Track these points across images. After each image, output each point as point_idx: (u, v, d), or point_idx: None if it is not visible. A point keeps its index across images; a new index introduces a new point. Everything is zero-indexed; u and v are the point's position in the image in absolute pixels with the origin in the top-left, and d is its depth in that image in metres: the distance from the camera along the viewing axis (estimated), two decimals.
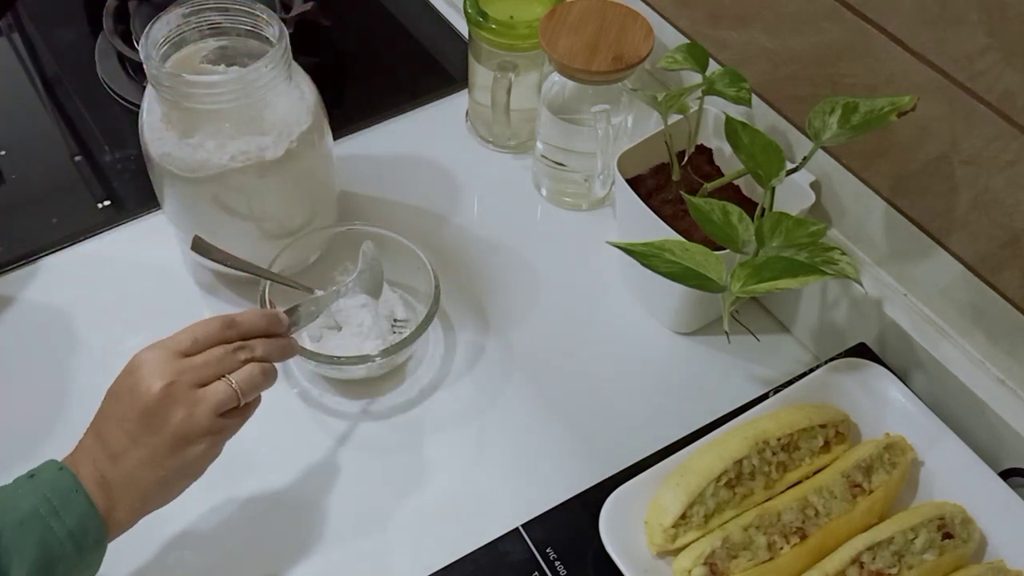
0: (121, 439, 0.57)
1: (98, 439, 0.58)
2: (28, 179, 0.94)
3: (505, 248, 0.88)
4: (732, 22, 0.79)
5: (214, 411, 0.58)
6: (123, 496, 0.57)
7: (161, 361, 0.58)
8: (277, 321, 0.64)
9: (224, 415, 0.59)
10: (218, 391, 0.59)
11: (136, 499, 0.58)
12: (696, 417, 0.71)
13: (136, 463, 0.57)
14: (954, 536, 0.63)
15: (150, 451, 0.57)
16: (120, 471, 0.57)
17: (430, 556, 0.65)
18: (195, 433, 0.58)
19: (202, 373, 0.58)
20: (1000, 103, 0.61)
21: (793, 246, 0.65)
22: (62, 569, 0.55)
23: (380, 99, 1.00)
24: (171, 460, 0.58)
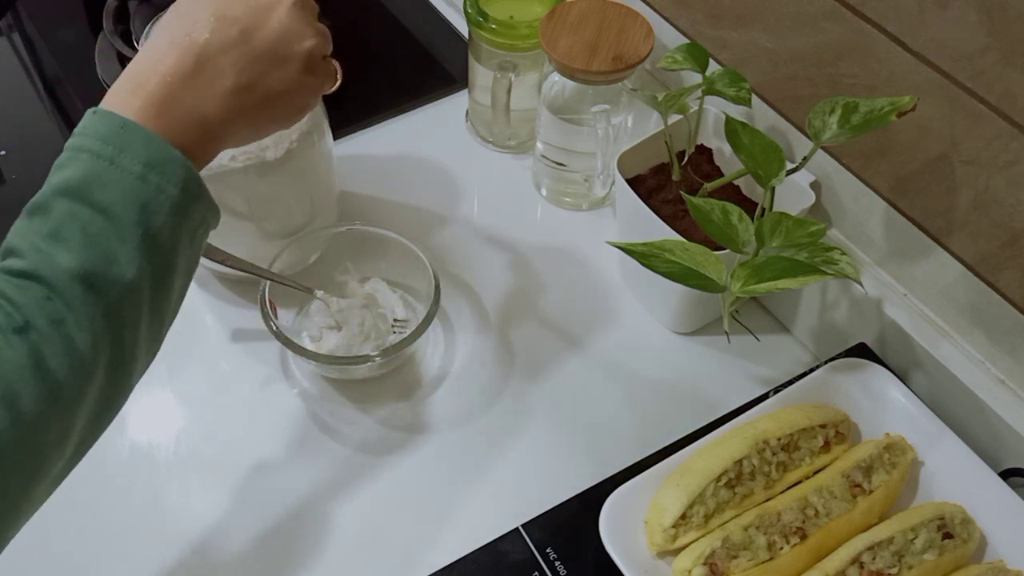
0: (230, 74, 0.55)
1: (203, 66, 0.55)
2: (28, 179, 0.93)
3: (505, 248, 0.88)
4: (732, 22, 0.79)
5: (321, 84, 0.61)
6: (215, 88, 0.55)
7: (309, 21, 0.60)
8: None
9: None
10: (329, 73, 0.62)
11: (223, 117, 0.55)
12: (696, 417, 0.71)
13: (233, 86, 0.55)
14: (954, 536, 0.63)
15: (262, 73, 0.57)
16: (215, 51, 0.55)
17: (430, 556, 0.65)
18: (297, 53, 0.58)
19: (325, 48, 0.62)
20: (1000, 103, 0.61)
21: (793, 246, 0.65)
22: (192, 215, 0.52)
23: (380, 99, 1.00)
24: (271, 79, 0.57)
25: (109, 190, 0.49)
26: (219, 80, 0.55)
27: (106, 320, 0.48)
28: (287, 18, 0.58)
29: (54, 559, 0.69)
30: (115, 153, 0.50)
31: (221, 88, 0.55)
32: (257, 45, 0.57)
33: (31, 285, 0.47)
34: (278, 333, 0.73)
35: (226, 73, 0.55)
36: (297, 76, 0.59)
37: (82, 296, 0.47)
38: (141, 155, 0.50)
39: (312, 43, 0.59)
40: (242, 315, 0.82)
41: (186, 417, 0.76)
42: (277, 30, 0.57)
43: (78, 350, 0.47)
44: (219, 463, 0.74)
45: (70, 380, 0.47)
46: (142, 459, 0.74)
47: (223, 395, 0.78)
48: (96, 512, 0.71)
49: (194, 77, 0.54)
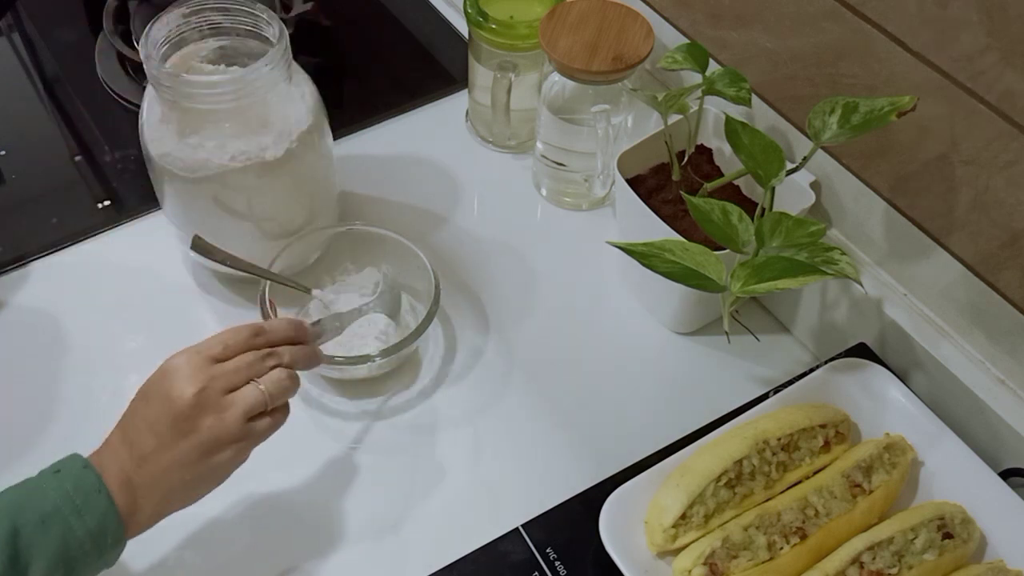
0: (149, 442, 0.57)
1: (125, 440, 0.58)
2: (28, 179, 0.94)
3: (505, 248, 0.88)
4: (732, 22, 0.79)
5: (244, 416, 0.59)
6: (147, 498, 0.58)
7: (193, 367, 0.58)
8: (303, 330, 0.65)
9: (253, 420, 0.60)
10: (248, 395, 0.59)
11: (159, 501, 0.58)
12: (696, 417, 0.71)
13: (163, 466, 0.57)
14: (954, 536, 0.63)
15: (179, 455, 0.57)
16: (146, 473, 0.57)
17: (430, 556, 0.65)
18: (225, 439, 0.58)
19: (233, 379, 0.59)
20: (1000, 103, 0.61)
21: (793, 246, 0.65)
22: (80, 566, 0.55)
23: (380, 99, 1.00)
24: (199, 465, 0.58)
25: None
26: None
27: None
28: (193, 410, 0.57)
29: None
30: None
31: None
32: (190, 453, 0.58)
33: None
34: None
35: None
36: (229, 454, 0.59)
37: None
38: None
39: (232, 415, 0.58)
40: (242, 315, 0.82)
41: None
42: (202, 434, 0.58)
43: None
44: None
45: None
46: None
47: None
48: None
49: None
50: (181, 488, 0.59)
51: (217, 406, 0.58)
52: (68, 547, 0.54)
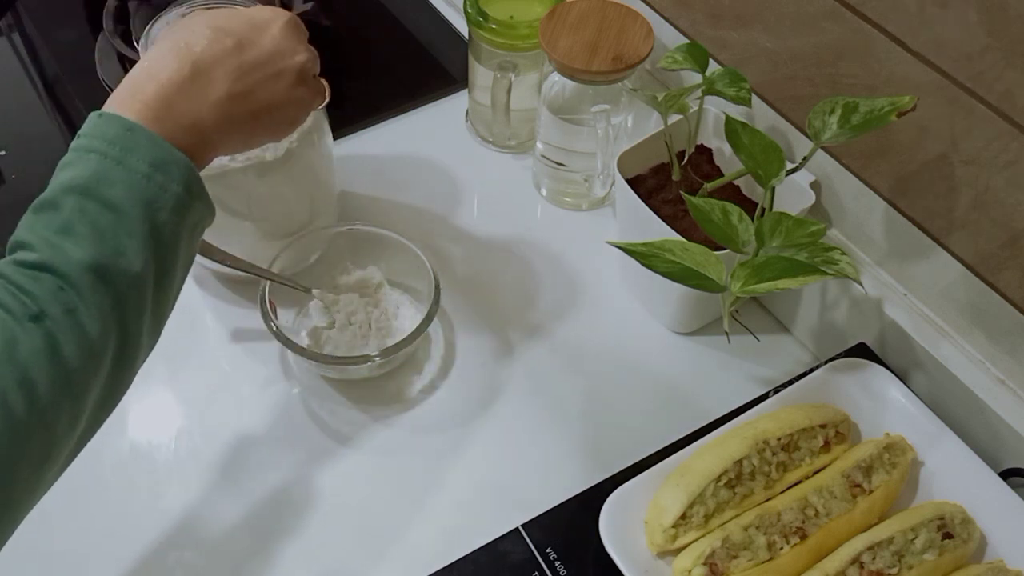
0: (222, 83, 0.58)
1: (198, 77, 0.57)
2: (28, 179, 0.93)
3: (505, 248, 0.88)
4: (732, 22, 0.79)
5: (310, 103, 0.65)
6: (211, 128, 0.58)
7: (302, 38, 0.64)
8: None
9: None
10: (317, 94, 0.66)
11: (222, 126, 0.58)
12: (696, 417, 0.71)
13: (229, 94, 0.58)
14: (954, 536, 0.63)
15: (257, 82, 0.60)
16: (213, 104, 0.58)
17: (430, 556, 0.65)
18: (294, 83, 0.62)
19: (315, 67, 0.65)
20: (1000, 103, 0.61)
21: (793, 246, 0.65)
22: (193, 217, 0.56)
23: (380, 99, 1.00)
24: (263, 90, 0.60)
25: (117, 188, 0.51)
26: (213, 88, 0.58)
27: (115, 309, 0.51)
28: (280, 35, 0.61)
29: (54, 558, 0.69)
30: (122, 154, 0.52)
31: (215, 96, 0.58)
32: (250, 58, 0.60)
33: (44, 276, 0.49)
34: (278, 333, 0.73)
35: (220, 82, 0.58)
36: (287, 90, 0.62)
37: (93, 286, 0.50)
38: (147, 156, 0.53)
39: (303, 59, 0.63)
40: (242, 315, 0.82)
41: (186, 417, 0.76)
42: (270, 45, 0.61)
43: (90, 338, 0.49)
44: (219, 463, 0.74)
45: (82, 367, 0.49)
46: (142, 459, 0.74)
47: (223, 395, 0.78)
48: (96, 512, 0.71)
49: (190, 84, 0.57)
50: (245, 119, 0.60)
51: (304, 84, 0.63)
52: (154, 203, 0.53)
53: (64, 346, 0.48)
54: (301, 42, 0.63)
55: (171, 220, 0.53)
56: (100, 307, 0.50)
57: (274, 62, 0.61)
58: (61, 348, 0.48)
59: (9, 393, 0.46)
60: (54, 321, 0.48)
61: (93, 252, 0.50)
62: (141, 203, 0.52)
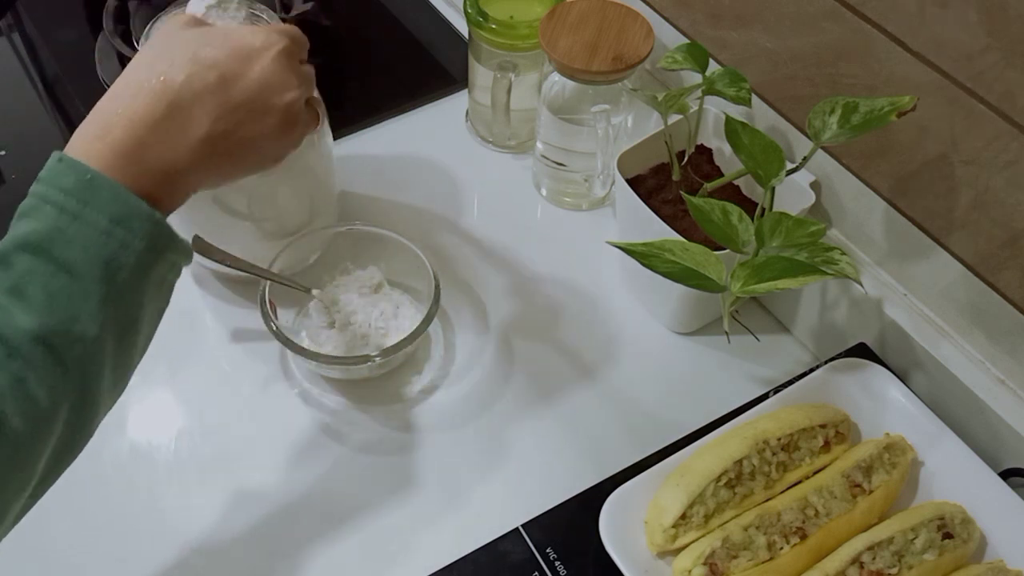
0: (203, 121, 0.54)
1: (173, 121, 0.53)
2: (28, 179, 0.91)
3: (505, 248, 0.88)
4: (732, 22, 0.79)
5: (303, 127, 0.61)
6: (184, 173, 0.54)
7: (293, 71, 0.58)
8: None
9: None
10: (309, 121, 0.61)
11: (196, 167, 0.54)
12: (696, 417, 0.71)
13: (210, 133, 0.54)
14: (954, 536, 0.63)
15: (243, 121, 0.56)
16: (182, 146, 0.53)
17: (430, 556, 0.65)
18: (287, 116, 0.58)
19: (307, 92, 0.61)
20: (1000, 103, 0.61)
21: (793, 246, 0.65)
22: (156, 275, 0.51)
23: (380, 99, 1.00)
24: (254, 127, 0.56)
25: (72, 247, 0.48)
26: (191, 129, 0.53)
27: (68, 377, 0.47)
28: (270, 67, 0.56)
29: (54, 558, 0.69)
30: (80, 207, 0.48)
31: (193, 138, 0.53)
32: (235, 95, 0.54)
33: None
34: (278, 333, 0.73)
35: (199, 122, 0.53)
36: (274, 128, 0.57)
37: (42, 357, 0.46)
38: (107, 210, 0.49)
39: (294, 95, 0.57)
40: (242, 315, 0.82)
41: (186, 417, 0.76)
42: (258, 81, 0.55)
43: (40, 407, 0.46)
44: (219, 463, 0.74)
45: (31, 436, 0.46)
46: (142, 459, 0.74)
47: (223, 395, 0.78)
48: (96, 512, 0.71)
49: (164, 123, 0.52)
50: (224, 159, 0.56)
51: (293, 117, 0.59)
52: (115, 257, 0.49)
53: (12, 418, 0.45)
54: (294, 73, 0.58)
55: (132, 278, 0.49)
56: (52, 376, 0.46)
57: (261, 99, 0.55)
58: (8, 421, 0.45)
59: None
60: (1, 393, 0.45)
61: (43, 319, 0.46)
62: (99, 263, 0.48)
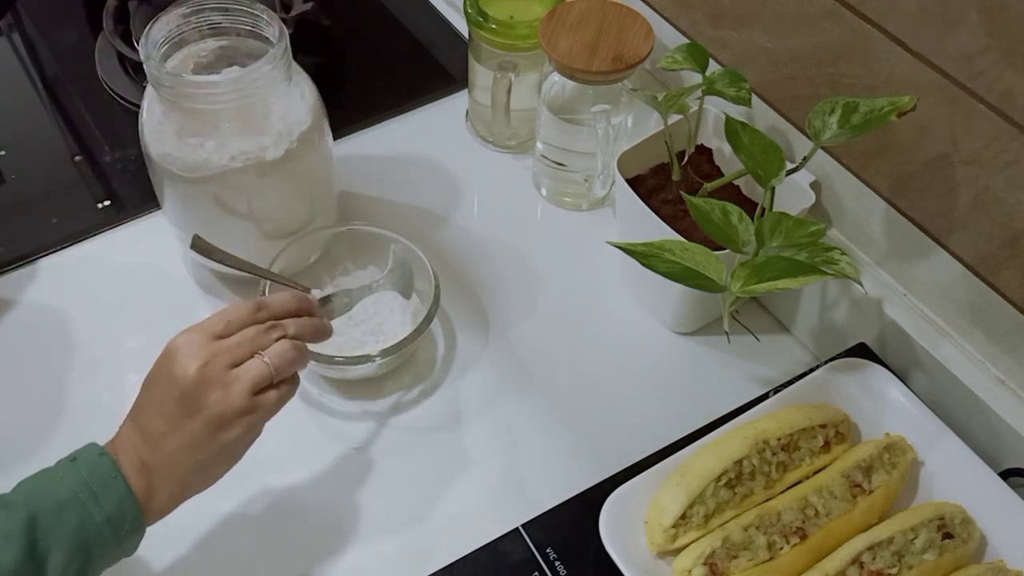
0: (159, 424, 0.57)
1: (136, 426, 0.58)
2: (28, 179, 0.94)
3: (505, 248, 0.88)
4: (732, 22, 0.79)
5: (249, 389, 0.58)
6: (163, 482, 0.57)
7: (195, 344, 0.58)
8: (307, 302, 0.65)
9: (260, 393, 0.59)
10: (251, 368, 0.58)
11: (176, 484, 0.58)
12: (696, 417, 0.71)
13: (175, 448, 0.57)
14: (954, 536, 0.63)
15: (189, 435, 0.57)
16: (160, 456, 0.57)
17: (430, 556, 0.65)
18: (232, 413, 0.57)
19: (236, 353, 0.58)
20: (1000, 103, 0.61)
21: (793, 246, 0.65)
22: (99, 553, 0.55)
23: (380, 99, 1.00)
24: (210, 443, 0.58)
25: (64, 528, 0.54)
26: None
27: None
28: (198, 390, 0.57)
29: None
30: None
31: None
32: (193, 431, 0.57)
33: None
34: None
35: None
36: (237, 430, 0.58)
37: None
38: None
39: (232, 392, 0.58)
40: None
41: None
42: (209, 411, 0.57)
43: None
44: None
45: None
46: None
47: None
48: None
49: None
50: (196, 469, 0.58)
51: (221, 381, 0.57)
52: (86, 534, 0.54)
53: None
54: (225, 368, 0.58)
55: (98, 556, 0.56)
56: None
57: (214, 422, 0.57)
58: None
59: None
60: None
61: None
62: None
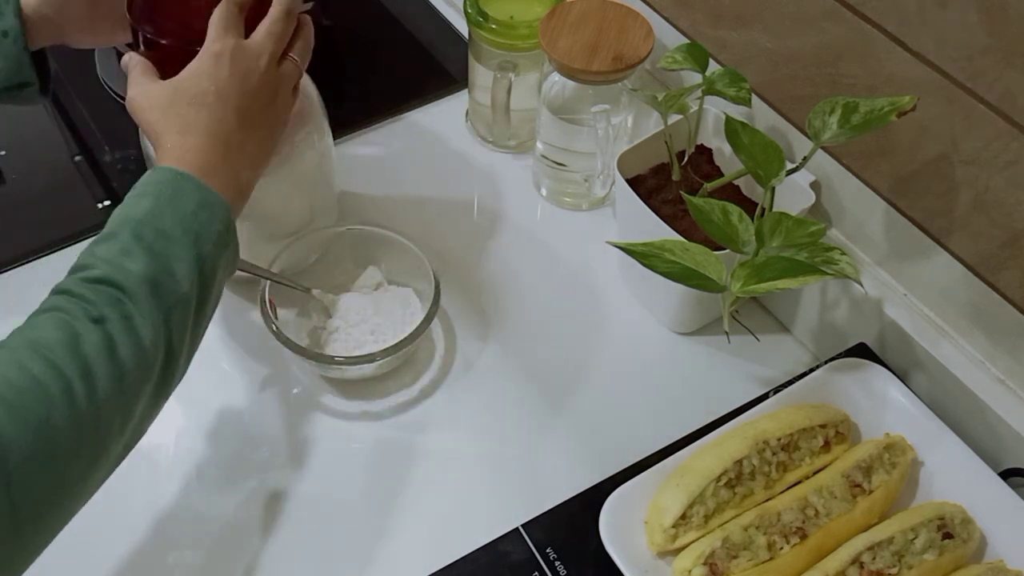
0: (219, 124, 0.62)
1: (190, 138, 0.61)
2: (28, 179, 0.93)
3: (505, 248, 0.88)
4: (732, 22, 0.79)
5: (272, 57, 0.65)
6: (232, 171, 0.62)
7: (232, 58, 0.63)
8: None
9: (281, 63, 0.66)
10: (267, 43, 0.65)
11: (245, 166, 0.63)
12: (696, 417, 0.71)
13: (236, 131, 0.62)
14: (954, 536, 0.63)
15: (237, 115, 0.63)
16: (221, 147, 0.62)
17: (430, 556, 0.65)
18: (268, 82, 0.64)
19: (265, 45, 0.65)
20: (1000, 103, 0.61)
21: (793, 246, 0.65)
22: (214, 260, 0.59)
23: (380, 99, 1.00)
24: (260, 117, 0.64)
25: (169, 221, 0.58)
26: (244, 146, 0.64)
27: (164, 323, 0.55)
28: (231, 65, 0.63)
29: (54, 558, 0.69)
30: (173, 194, 0.58)
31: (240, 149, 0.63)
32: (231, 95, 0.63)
33: (104, 288, 0.54)
34: (278, 333, 0.73)
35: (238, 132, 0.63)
36: (266, 94, 0.64)
37: (147, 299, 0.55)
38: (194, 197, 0.59)
39: (264, 55, 0.64)
40: (242, 314, 0.82)
41: (186, 417, 0.76)
42: (235, 74, 0.63)
43: (143, 344, 0.54)
44: (219, 463, 0.74)
45: (135, 370, 0.53)
46: (142, 459, 0.73)
47: (223, 394, 0.78)
48: (96, 512, 0.71)
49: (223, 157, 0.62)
50: (255, 146, 0.64)
51: (248, 57, 0.64)
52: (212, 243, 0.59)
53: (120, 347, 0.53)
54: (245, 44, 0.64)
55: (213, 253, 0.59)
56: (152, 318, 0.54)
57: (259, 84, 0.64)
58: (118, 349, 0.52)
59: (74, 382, 0.50)
60: (113, 325, 0.53)
61: (148, 269, 0.55)
62: (190, 234, 0.58)
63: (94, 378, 0.51)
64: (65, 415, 0.49)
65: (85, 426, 0.50)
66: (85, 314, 0.53)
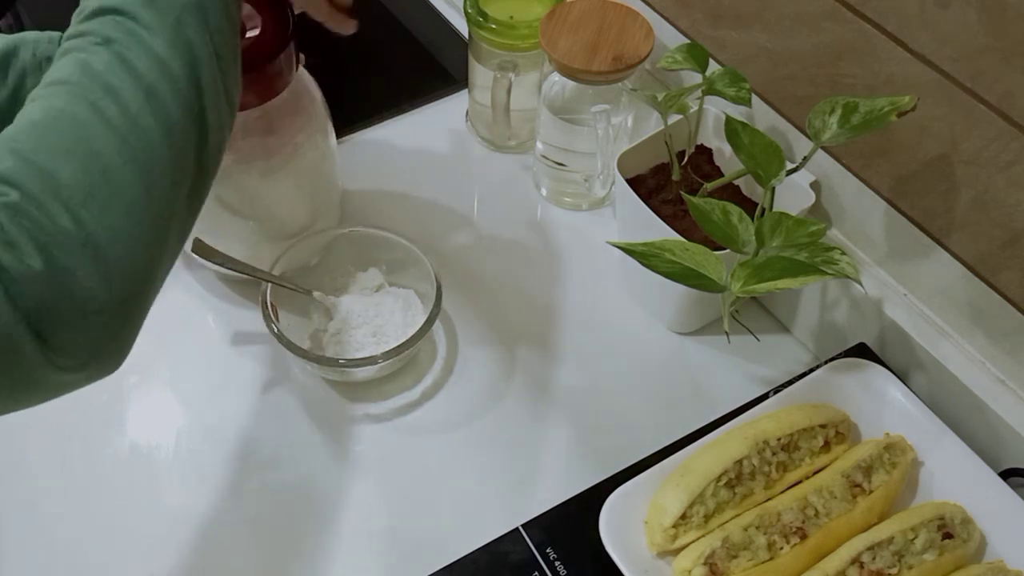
0: None
1: None
2: None
3: (505, 248, 0.88)
4: (732, 22, 0.79)
5: None
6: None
7: None
8: None
9: None
10: None
11: None
12: (696, 417, 0.71)
13: None
14: (954, 536, 0.63)
15: None
16: None
17: (430, 556, 0.65)
18: None
19: None
20: (1000, 103, 0.61)
21: (793, 246, 0.65)
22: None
23: (380, 99, 1.00)
24: None
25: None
26: None
27: (174, 31, 0.52)
28: None
29: (54, 558, 0.69)
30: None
31: None
32: None
33: (101, 18, 0.52)
34: (279, 335, 0.73)
35: None
36: None
37: (147, 9, 0.52)
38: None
39: None
40: (243, 317, 0.82)
41: (186, 417, 0.76)
42: None
43: (157, 54, 0.51)
44: (219, 464, 0.74)
45: (158, 81, 0.51)
46: (142, 459, 0.74)
47: (224, 396, 0.78)
48: (96, 511, 0.71)
49: None
50: None
51: None
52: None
53: (135, 60, 0.50)
54: None
55: (220, 15, 0.54)
56: (160, 26, 0.52)
57: None
58: (132, 62, 0.50)
59: (99, 101, 0.48)
60: (120, 43, 0.51)
61: (168, 38, 0.52)
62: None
63: (117, 93, 0.49)
64: (102, 134, 0.48)
65: (129, 141, 0.49)
66: (88, 43, 0.51)
